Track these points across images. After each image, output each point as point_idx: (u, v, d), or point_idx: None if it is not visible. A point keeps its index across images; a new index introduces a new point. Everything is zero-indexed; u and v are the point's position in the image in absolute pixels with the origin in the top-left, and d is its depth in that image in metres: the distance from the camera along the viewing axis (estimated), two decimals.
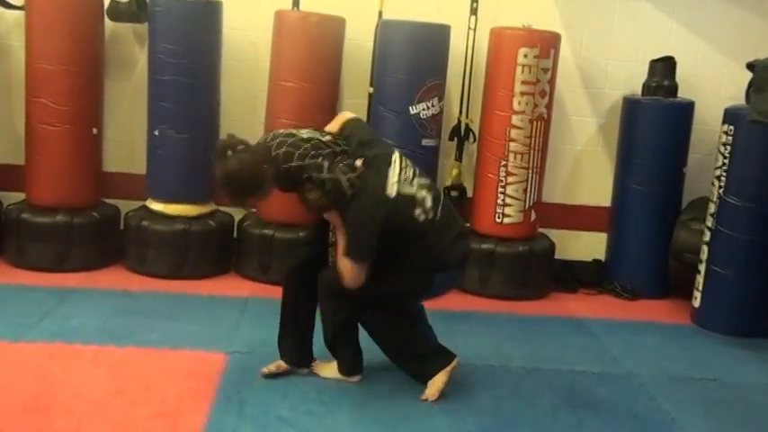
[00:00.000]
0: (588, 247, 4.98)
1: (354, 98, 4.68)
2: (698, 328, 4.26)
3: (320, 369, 3.21)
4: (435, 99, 4.34)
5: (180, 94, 4.24)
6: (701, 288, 4.29)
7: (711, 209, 4.24)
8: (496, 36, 4.46)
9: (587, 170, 4.96)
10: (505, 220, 4.48)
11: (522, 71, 4.32)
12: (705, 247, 4.27)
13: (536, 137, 4.43)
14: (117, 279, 4.27)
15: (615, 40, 4.82)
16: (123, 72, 4.64)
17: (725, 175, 4.16)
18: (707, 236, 4.27)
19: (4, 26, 4.57)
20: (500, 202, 4.47)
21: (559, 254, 4.77)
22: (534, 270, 4.54)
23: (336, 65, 4.47)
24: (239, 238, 4.54)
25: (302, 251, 3.25)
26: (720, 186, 4.18)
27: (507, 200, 4.46)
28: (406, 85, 4.29)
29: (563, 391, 3.31)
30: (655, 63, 4.66)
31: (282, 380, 3.14)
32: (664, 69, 4.63)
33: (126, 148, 4.67)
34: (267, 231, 4.38)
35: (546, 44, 4.35)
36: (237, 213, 4.57)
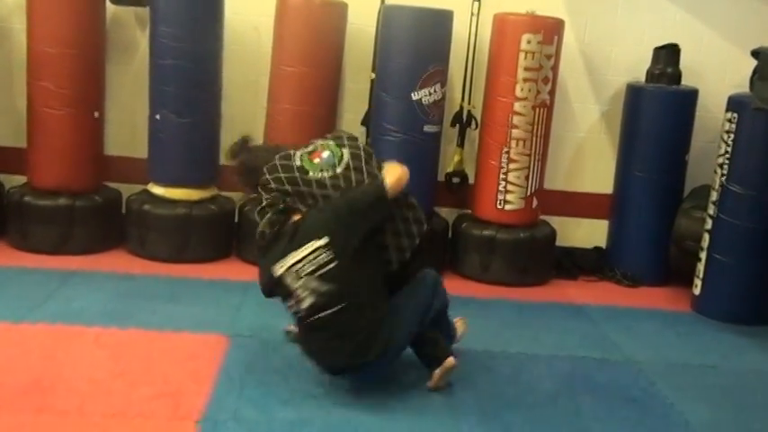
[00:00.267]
0: (589, 234, 4.98)
1: (356, 83, 4.67)
2: (698, 316, 4.27)
3: None
4: (438, 85, 4.33)
5: (181, 79, 4.23)
6: (701, 276, 4.29)
7: (713, 197, 4.24)
8: (499, 22, 4.44)
9: (589, 157, 4.96)
10: (507, 207, 4.48)
11: (525, 57, 4.31)
12: (706, 235, 4.27)
13: (538, 123, 4.42)
14: (119, 262, 4.28)
15: (619, 26, 4.80)
16: (125, 56, 4.63)
17: (727, 162, 4.15)
18: (708, 224, 4.27)
19: (5, 9, 4.56)
20: (501, 188, 4.46)
21: (560, 241, 4.78)
22: (535, 257, 4.54)
23: (339, 50, 4.47)
24: (240, 222, 4.54)
25: None
26: (723, 174, 4.18)
27: (509, 186, 4.46)
28: (408, 70, 4.28)
29: (562, 377, 3.32)
30: (659, 50, 4.64)
31: (283, 362, 3.16)
32: (667, 56, 4.61)
33: (127, 132, 4.66)
34: None
35: (549, 30, 4.34)
36: (239, 198, 4.58)
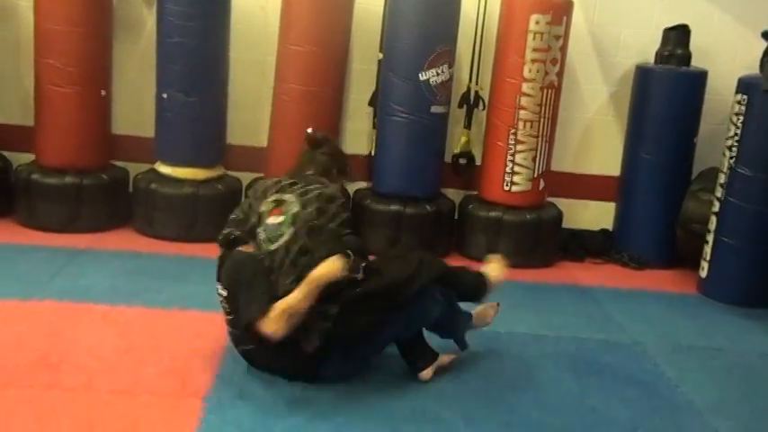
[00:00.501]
0: (596, 216, 4.96)
1: (364, 64, 4.65)
2: (704, 298, 4.26)
3: None
4: (445, 66, 4.30)
5: (189, 57, 4.22)
6: (708, 258, 4.28)
7: (721, 179, 4.22)
8: (508, 2, 4.40)
9: (597, 139, 4.93)
10: (513, 189, 4.47)
11: (534, 38, 4.28)
12: (714, 218, 4.26)
13: (546, 105, 4.39)
14: (126, 241, 4.29)
15: (628, 7, 4.75)
16: (132, 34, 4.61)
17: (736, 145, 4.13)
18: (716, 206, 4.25)
19: None
20: (509, 170, 4.45)
21: (567, 223, 4.77)
22: (541, 238, 4.53)
23: (346, 29, 4.44)
24: None
25: None
26: (732, 157, 4.15)
27: (516, 168, 4.44)
28: (415, 51, 4.26)
29: (567, 358, 3.32)
30: (668, 31, 4.59)
31: None
32: (677, 38, 4.57)
33: (134, 111, 4.66)
34: None
35: (558, 11, 4.30)
36: (246, 178, 4.58)
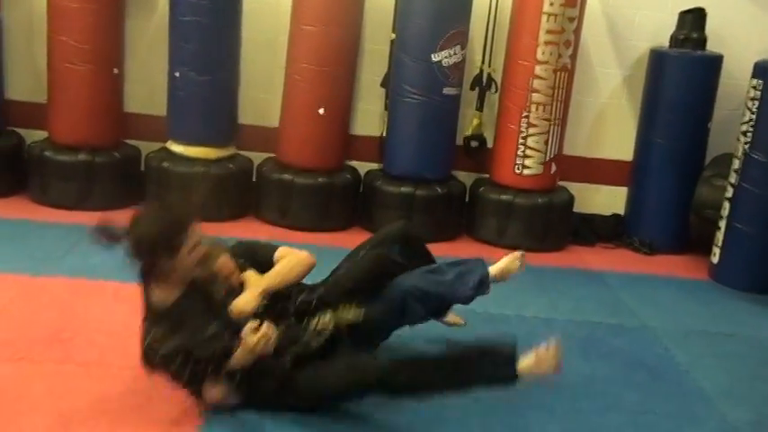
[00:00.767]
0: (608, 201, 4.94)
1: (376, 44, 4.62)
2: (715, 284, 4.25)
3: None
4: (458, 47, 4.28)
5: (201, 36, 4.21)
6: (720, 244, 4.26)
7: (735, 165, 4.19)
8: None
9: (610, 123, 4.90)
10: (525, 172, 4.45)
11: (548, 20, 4.24)
12: (727, 204, 4.23)
13: (559, 88, 4.36)
14: None
15: None
16: (144, 11, 4.60)
17: (751, 130, 4.09)
18: (729, 192, 4.22)
19: None
20: (520, 153, 4.43)
21: (579, 207, 4.75)
22: (552, 222, 4.52)
23: (359, 9, 4.41)
24: (259, 182, 4.54)
25: None
26: (746, 142, 4.12)
27: (528, 151, 4.42)
28: (428, 32, 4.24)
29: (577, 342, 3.31)
30: (684, 14, 4.54)
31: None
32: (693, 21, 4.52)
33: (147, 90, 4.65)
34: (287, 176, 4.39)
35: None
36: (257, 158, 4.58)
